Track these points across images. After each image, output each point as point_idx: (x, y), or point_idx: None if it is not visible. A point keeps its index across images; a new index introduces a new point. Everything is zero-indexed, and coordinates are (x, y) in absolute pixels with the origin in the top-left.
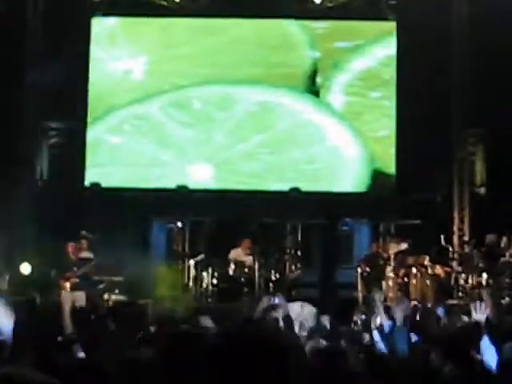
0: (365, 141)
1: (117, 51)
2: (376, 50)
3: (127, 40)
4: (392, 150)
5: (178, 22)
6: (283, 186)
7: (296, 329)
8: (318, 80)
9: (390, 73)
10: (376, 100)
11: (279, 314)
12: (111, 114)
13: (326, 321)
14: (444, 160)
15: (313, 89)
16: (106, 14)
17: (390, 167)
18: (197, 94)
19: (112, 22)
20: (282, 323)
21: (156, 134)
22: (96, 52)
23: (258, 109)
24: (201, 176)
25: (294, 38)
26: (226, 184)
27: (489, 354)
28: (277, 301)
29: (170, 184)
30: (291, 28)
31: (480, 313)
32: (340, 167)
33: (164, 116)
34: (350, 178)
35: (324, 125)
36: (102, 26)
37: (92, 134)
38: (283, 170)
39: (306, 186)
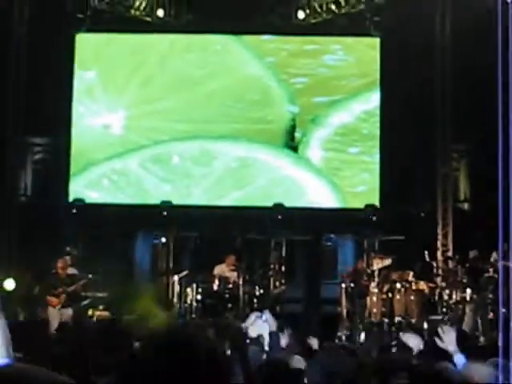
0: (344, 196)
1: (96, 106)
2: (354, 105)
3: (106, 94)
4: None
5: (156, 76)
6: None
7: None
8: (297, 135)
9: (369, 128)
10: (355, 155)
11: (265, 330)
12: (90, 168)
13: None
14: (427, 176)
15: (291, 144)
16: (90, 30)
17: None
18: (176, 149)
19: (91, 75)
20: (268, 339)
21: (134, 190)
22: (76, 106)
23: (237, 164)
24: None
25: (272, 92)
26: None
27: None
28: (264, 317)
29: (154, 200)
30: (270, 82)
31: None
32: None
33: (143, 171)
34: None
35: (303, 180)
36: (81, 80)
37: (72, 188)
38: None
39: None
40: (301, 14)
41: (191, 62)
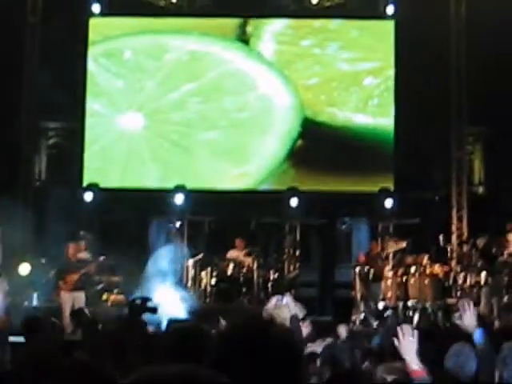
0: (295, 89)
1: None
2: None
3: None
4: (322, 97)
5: None
6: (214, 134)
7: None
8: (249, 29)
9: (321, 21)
10: (306, 48)
11: (286, 314)
12: None
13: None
14: (442, 159)
15: (243, 38)
16: (104, 15)
17: (320, 115)
18: (128, 44)
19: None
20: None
21: (87, 85)
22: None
23: (189, 58)
24: (131, 125)
25: None
26: (156, 133)
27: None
28: (285, 300)
29: (168, 184)
30: None
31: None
32: (270, 115)
33: (95, 66)
34: (281, 126)
35: (254, 73)
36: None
37: None
38: (214, 118)
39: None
40: None
41: None
